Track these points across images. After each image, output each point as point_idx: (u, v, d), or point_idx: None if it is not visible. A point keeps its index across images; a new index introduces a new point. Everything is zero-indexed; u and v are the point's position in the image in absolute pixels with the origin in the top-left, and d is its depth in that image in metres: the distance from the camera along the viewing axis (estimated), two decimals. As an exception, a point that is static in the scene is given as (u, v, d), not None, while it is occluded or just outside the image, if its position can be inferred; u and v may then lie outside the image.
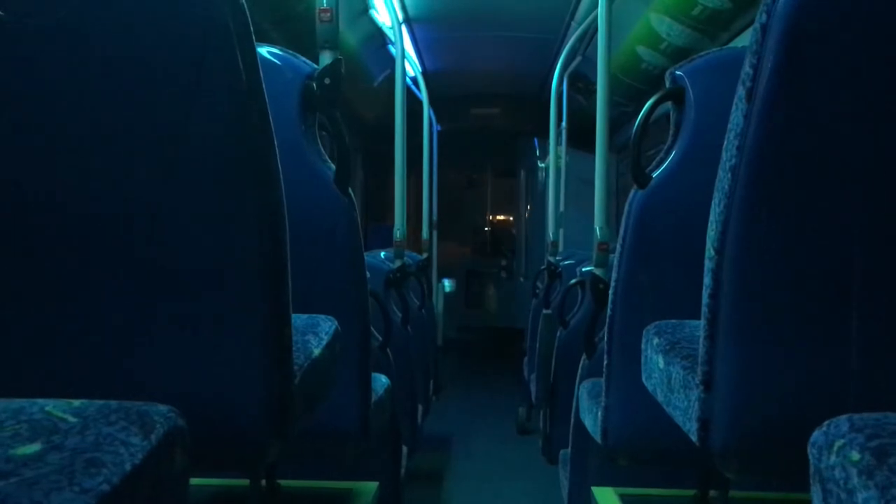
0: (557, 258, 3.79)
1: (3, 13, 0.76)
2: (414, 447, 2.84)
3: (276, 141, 0.84)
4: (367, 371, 1.48)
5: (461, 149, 6.97)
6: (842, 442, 0.59)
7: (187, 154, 0.80)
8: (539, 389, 3.31)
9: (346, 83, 1.41)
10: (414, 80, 4.81)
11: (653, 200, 1.43)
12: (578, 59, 4.51)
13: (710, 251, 0.88)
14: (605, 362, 1.49)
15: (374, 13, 4.05)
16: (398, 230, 2.97)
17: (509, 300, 7.47)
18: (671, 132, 1.45)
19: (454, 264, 7.56)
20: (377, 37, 4.42)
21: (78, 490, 0.51)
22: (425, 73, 5.24)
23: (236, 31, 0.78)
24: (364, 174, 6.36)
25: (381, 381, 1.66)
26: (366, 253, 1.51)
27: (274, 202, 0.84)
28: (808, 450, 0.64)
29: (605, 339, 1.51)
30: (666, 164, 1.44)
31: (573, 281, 2.70)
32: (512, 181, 7.81)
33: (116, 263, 0.82)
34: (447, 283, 7.26)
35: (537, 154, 6.88)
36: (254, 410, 0.85)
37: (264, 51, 1.39)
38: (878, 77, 0.80)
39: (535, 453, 3.44)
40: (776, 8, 0.79)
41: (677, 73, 1.44)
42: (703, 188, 0.97)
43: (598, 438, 1.53)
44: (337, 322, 1.15)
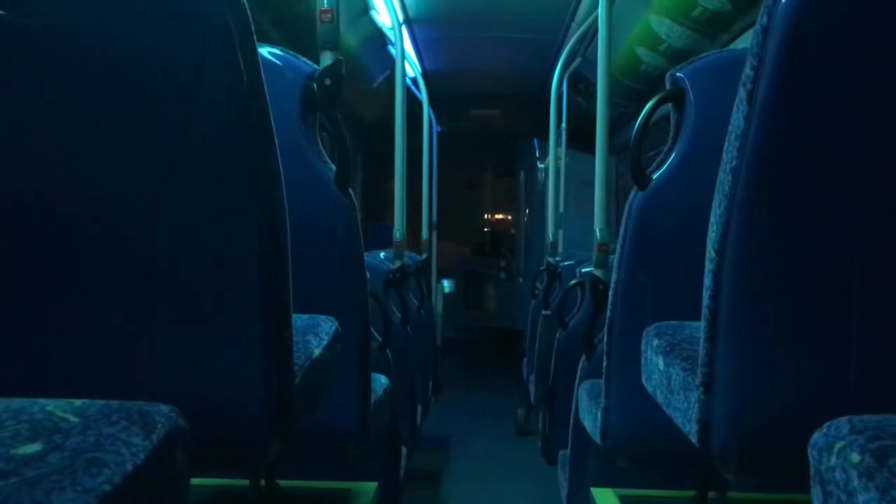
0: (557, 259, 3.79)
1: (3, 13, 0.76)
2: (413, 448, 2.84)
3: (277, 141, 0.84)
4: (367, 371, 1.48)
5: (461, 149, 6.96)
6: (842, 444, 0.59)
7: (188, 154, 0.80)
8: (538, 390, 3.31)
9: (346, 84, 1.41)
10: (414, 81, 4.81)
11: (653, 202, 1.43)
12: (578, 60, 4.51)
13: (710, 253, 0.88)
14: (605, 363, 1.49)
15: (374, 14, 4.05)
16: (398, 230, 2.97)
17: (508, 301, 7.45)
18: (671, 134, 1.45)
19: (453, 265, 7.54)
20: (377, 37, 4.42)
21: (80, 490, 0.51)
22: (425, 74, 5.24)
23: (237, 32, 0.78)
24: (364, 174, 6.36)
25: (380, 381, 1.66)
26: (365, 253, 1.51)
27: (274, 202, 0.84)
28: (809, 451, 0.64)
29: (605, 340, 1.51)
30: (666, 165, 1.44)
31: (573, 282, 2.70)
32: (511, 182, 7.80)
33: (117, 263, 0.82)
34: (446, 284, 7.26)
35: (537, 155, 6.88)
36: (254, 410, 0.85)
37: (265, 51, 1.39)
38: (878, 78, 0.80)
39: (534, 454, 3.43)
40: (777, 10, 0.79)
41: (677, 74, 1.45)
42: (703, 190, 0.97)
43: (598, 439, 1.53)
44: (337, 322, 1.15)
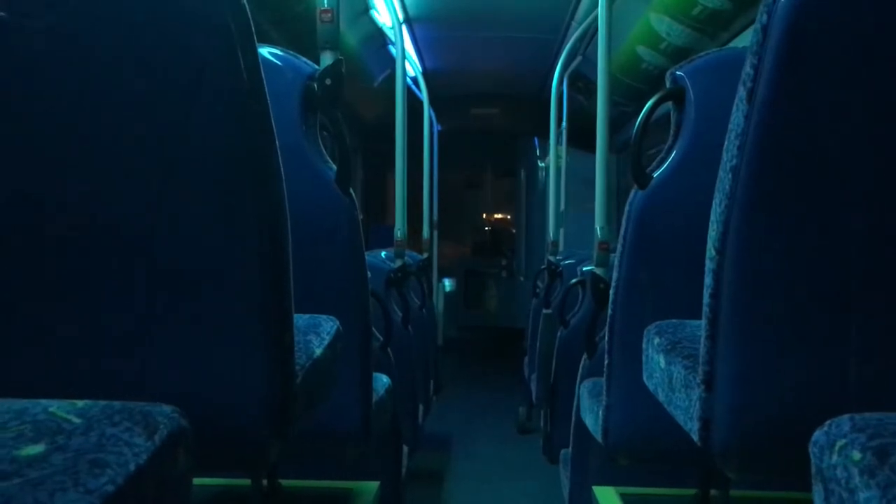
0: (558, 258, 3.79)
1: (3, 13, 0.76)
2: (415, 447, 2.84)
3: (278, 141, 0.84)
4: (369, 371, 1.48)
5: (461, 149, 6.96)
6: (843, 442, 0.59)
7: (189, 154, 0.80)
8: (539, 389, 3.31)
9: (346, 83, 1.42)
10: (414, 80, 4.81)
11: (653, 200, 1.43)
12: (578, 59, 4.51)
13: (710, 251, 0.88)
14: (606, 362, 1.49)
15: (374, 13, 4.05)
16: (399, 230, 2.97)
17: (509, 300, 7.45)
18: (671, 132, 1.45)
19: (454, 264, 7.55)
20: (377, 37, 4.42)
21: (82, 491, 0.51)
22: (425, 73, 5.24)
23: (237, 32, 0.78)
24: (364, 174, 6.36)
25: (382, 380, 1.66)
26: (366, 253, 1.51)
27: (275, 202, 0.84)
28: (810, 449, 0.64)
29: (606, 338, 1.51)
30: (666, 164, 1.44)
31: (574, 280, 2.70)
32: (512, 181, 7.80)
33: (118, 264, 0.82)
34: (447, 283, 7.26)
35: (537, 154, 6.88)
36: (256, 410, 0.85)
37: (265, 51, 1.39)
38: (878, 77, 0.80)
39: (535, 453, 3.44)
40: (777, 9, 0.79)
41: (678, 73, 1.45)
42: (703, 188, 0.97)
43: (599, 438, 1.53)
44: (338, 322, 1.15)
